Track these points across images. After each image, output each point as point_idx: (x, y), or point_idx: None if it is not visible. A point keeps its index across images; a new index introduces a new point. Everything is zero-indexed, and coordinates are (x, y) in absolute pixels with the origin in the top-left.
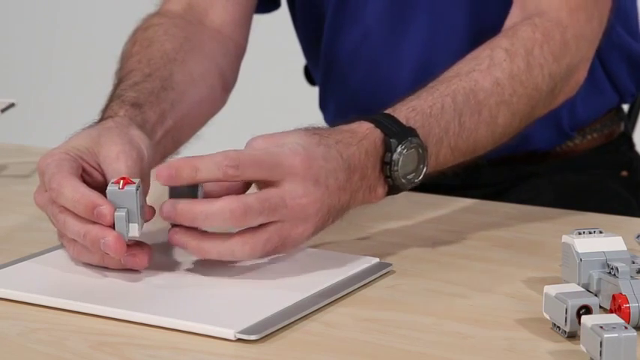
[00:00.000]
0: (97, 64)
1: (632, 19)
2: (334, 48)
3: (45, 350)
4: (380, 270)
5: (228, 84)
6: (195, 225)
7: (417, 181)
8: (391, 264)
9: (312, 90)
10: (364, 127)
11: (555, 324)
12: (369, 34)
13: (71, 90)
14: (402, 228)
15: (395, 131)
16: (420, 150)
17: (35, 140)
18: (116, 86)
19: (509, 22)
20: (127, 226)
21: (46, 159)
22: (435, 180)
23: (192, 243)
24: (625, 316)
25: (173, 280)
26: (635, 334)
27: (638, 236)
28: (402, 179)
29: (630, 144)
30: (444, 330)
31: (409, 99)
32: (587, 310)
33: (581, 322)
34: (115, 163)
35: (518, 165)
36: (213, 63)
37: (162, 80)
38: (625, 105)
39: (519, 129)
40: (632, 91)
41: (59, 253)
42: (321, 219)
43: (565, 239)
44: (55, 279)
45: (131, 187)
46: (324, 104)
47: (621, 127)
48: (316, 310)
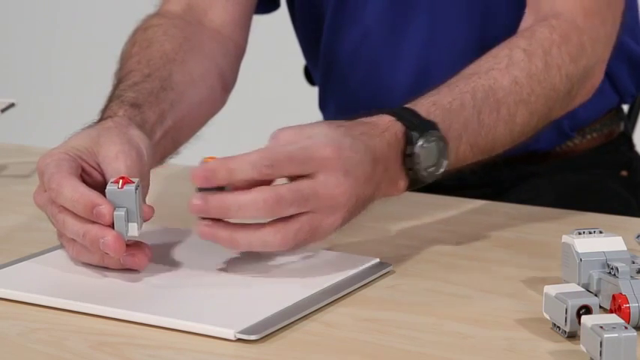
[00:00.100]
0: (97, 64)
1: (633, 20)
2: (334, 48)
3: (45, 350)
4: (380, 270)
5: (227, 84)
6: (228, 217)
7: (438, 174)
8: (391, 264)
9: (312, 90)
10: (385, 119)
11: (555, 324)
12: (368, 34)
13: (71, 90)
14: (402, 228)
15: (416, 124)
16: (441, 143)
17: (35, 140)
18: (115, 87)
19: (523, 24)
20: (126, 226)
21: (46, 159)
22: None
23: (224, 234)
24: (625, 316)
25: (173, 280)
26: (635, 334)
27: (638, 236)
28: (423, 172)
29: (630, 144)
30: (444, 330)
31: (429, 94)
32: (587, 310)
33: (581, 322)
34: (115, 162)
35: (518, 165)
36: (212, 63)
37: (161, 80)
38: (625, 105)
39: (537, 129)
40: (632, 92)
41: (59, 253)
42: (350, 209)
43: (565, 239)
44: (55, 279)
45: (130, 187)
46: (323, 104)
47: (621, 127)
48: (316, 310)
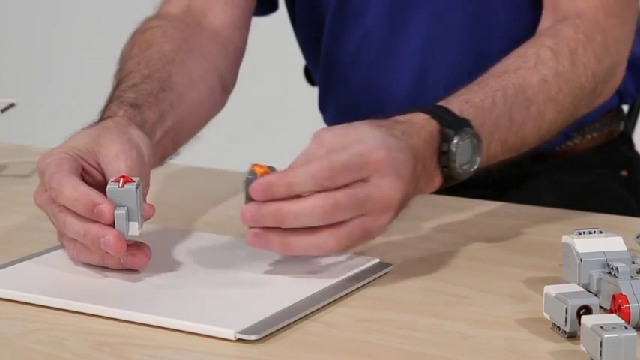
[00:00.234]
0: (97, 64)
1: None
2: (335, 49)
3: (45, 350)
4: (380, 270)
5: (227, 86)
6: (284, 225)
7: (472, 172)
8: (391, 264)
9: (312, 91)
10: (420, 117)
11: (555, 324)
12: (370, 34)
13: (71, 90)
14: (402, 228)
15: (450, 122)
16: (475, 141)
17: (35, 140)
18: (115, 87)
19: (543, 24)
20: (127, 225)
21: (46, 159)
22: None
23: (276, 240)
24: (625, 316)
25: (173, 280)
26: (635, 334)
27: (638, 236)
28: (459, 169)
29: (630, 144)
30: (444, 330)
31: (460, 92)
32: (587, 310)
33: (581, 322)
34: (115, 162)
35: (518, 165)
36: (212, 65)
37: (161, 81)
38: (624, 105)
39: (562, 127)
40: (632, 93)
41: (59, 253)
42: (398, 209)
43: (565, 239)
44: (55, 279)
45: (131, 186)
46: (323, 105)
47: (621, 126)
48: (316, 310)
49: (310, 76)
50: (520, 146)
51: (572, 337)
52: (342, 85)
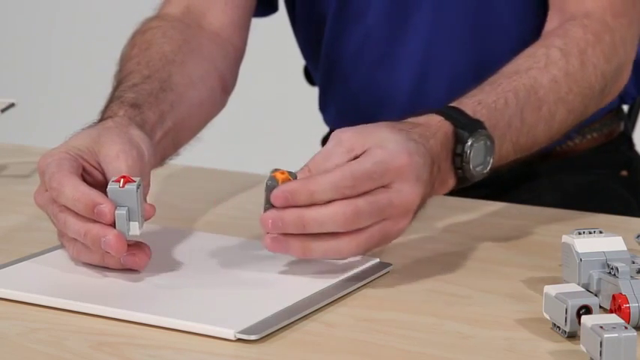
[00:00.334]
0: (97, 65)
1: None
2: (336, 49)
3: (45, 350)
4: (380, 270)
5: (227, 86)
6: (305, 231)
7: (486, 173)
8: (391, 264)
9: (312, 91)
10: (435, 119)
11: (555, 324)
12: (370, 34)
13: (71, 90)
14: None
15: (464, 123)
16: (488, 142)
17: (35, 140)
18: (115, 88)
19: (549, 25)
20: (127, 225)
21: (46, 159)
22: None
23: (296, 244)
24: (625, 316)
25: (173, 280)
26: (635, 334)
27: (638, 236)
28: (472, 170)
29: (630, 144)
30: (444, 330)
31: (472, 93)
32: (587, 310)
33: (581, 322)
34: (115, 162)
35: (518, 165)
36: (212, 65)
37: (161, 82)
38: (625, 105)
39: (571, 127)
40: (632, 94)
41: (59, 253)
42: (416, 212)
43: (565, 239)
44: (55, 279)
45: (132, 186)
46: (323, 105)
47: (621, 126)
48: (316, 310)
49: (310, 77)
50: (531, 146)
51: (572, 337)
52: (343, 86)
